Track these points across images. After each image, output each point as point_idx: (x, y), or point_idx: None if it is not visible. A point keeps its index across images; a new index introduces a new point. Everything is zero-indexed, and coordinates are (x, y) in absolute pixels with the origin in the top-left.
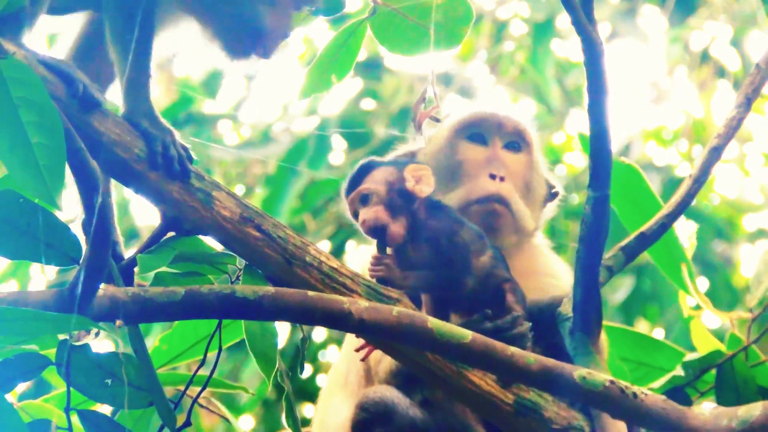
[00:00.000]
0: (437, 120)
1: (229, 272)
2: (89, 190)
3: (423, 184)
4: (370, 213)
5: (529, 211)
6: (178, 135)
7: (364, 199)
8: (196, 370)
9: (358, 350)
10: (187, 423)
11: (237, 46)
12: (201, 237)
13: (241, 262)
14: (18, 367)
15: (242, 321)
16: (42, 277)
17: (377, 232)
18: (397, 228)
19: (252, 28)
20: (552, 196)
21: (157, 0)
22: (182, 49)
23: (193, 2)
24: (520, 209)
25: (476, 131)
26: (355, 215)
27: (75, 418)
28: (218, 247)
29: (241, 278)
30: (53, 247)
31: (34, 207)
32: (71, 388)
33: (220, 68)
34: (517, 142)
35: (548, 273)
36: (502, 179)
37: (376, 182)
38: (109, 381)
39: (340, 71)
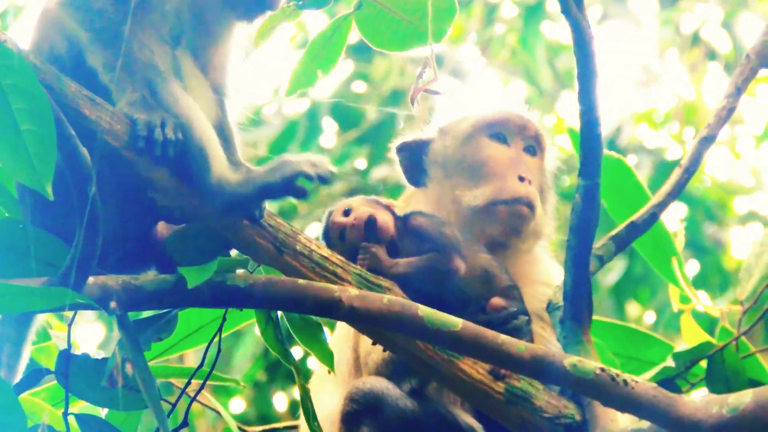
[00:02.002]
0: (436, 93)
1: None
2: (79, 178)
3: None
4: (357, 212)
5: (546, 217)
6: (182, 118)
7: (347, 212)
8: (197, 369)
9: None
10: (185, 423)
11: (249, 5)
12: None
13: (253, 265)
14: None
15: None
16: None
17: (367, 225)
18: (385, 217)
19: None
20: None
21: None
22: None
23: None
24: (541, 214)
25: (499, 131)
26: (341, 235)
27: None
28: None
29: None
30: (54, 266)
31: (35, 232)
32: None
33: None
34: (534, 146)
35: (544, 281)
36: (530, 182)
37: (352, 200)
38: (105, 384)
39: (326, 66)
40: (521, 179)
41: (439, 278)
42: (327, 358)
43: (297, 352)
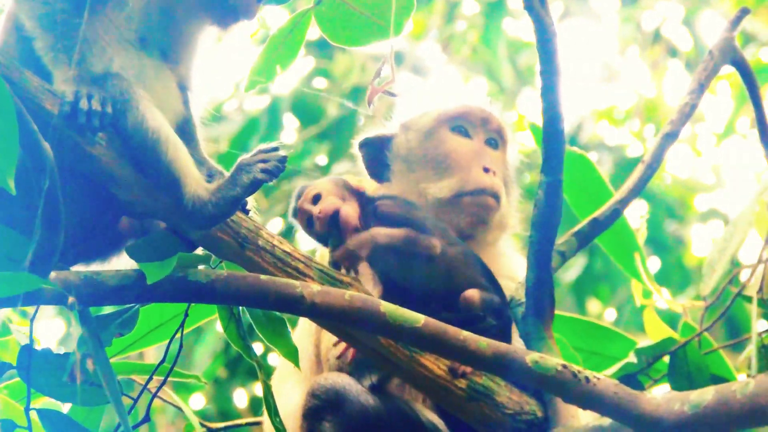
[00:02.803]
0: (393, 95)
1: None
2: (41, 172)
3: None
4: (324, 204)
5: (511, 208)
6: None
7: (316, 199)
8: (158, 366)
9: (339, 357)
10: (146, 419)
11: (225, 13)
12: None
13: (216, 261)
14: None
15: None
16: None
17: (332, 220)
18: (350, 210)
19: None
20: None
21: None
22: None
23: None
24: (506, 206)
25: (461, 124)
26: (309, 222)
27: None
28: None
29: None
30: (15, 261)
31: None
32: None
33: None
34: (496, 139)
35: (507, 275)
36: (495, 174)
37: (323, 185)
38: (67, 379)
39: (285, 61)
40: (486, 170)
41: (414, 255)
42: (291, 354)
43: (258, 348)
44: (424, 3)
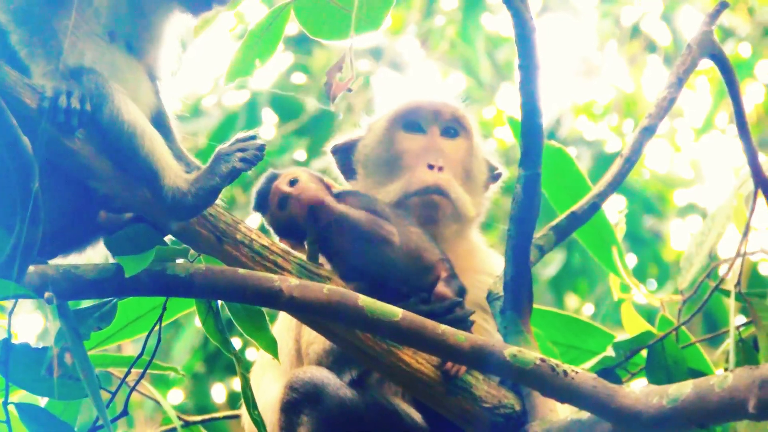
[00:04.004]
0: (349, 90)
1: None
2: (21, 167)
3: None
4: (304, 188)
5: (470, 197)
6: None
7: (293, 182)
8: (138, 358)
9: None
10: (124, 413)
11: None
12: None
13: (194, 254)
14: None
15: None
16: None
17: (312, 208)
18: (331, 202)
19: None
20: (495, 177)
21: None
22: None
23: None
24: (460, 197)
25: (412, 120)
26: (282, 202)
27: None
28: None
29: None
30: None
31: None
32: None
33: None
34: (454, 128)
35: (485, 271)
36: (440, 169)
37: (299, 172)
38: (45, 373)
39: (264, 55)
40: (430, 167)
41: (375, 241)
42: (270, 346)
43: (236, 342)
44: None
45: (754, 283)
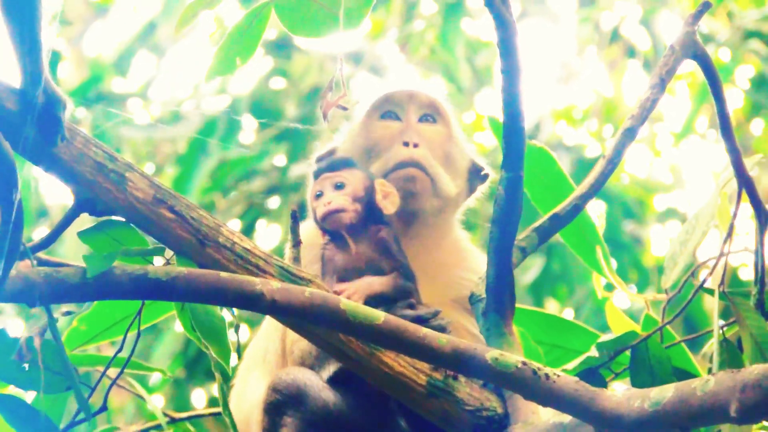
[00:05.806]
0: (344, 108)
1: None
2: (3, 173)
3: (389, 201)
4: (339, 198)
5: (449, 177)
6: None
7: (339, 186)
8: (116, 353)
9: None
10: (103, 408)
11: None
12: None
13: (169, 253)
14: None
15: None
16: None
17: (335, 214)
18: (351, 214)
19: None
20: (482, 178)
21: None
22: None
23: None
24: (438, 173)
25: (389, 109)
26: (316, 195)
27: None
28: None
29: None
30: None
31: None
32: None
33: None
34: (431, 114)
35: (469, 268)
36: (416, 146)
37: (356, 178)
38: (26, 366)
39: (245, 54)
40: (405, 144)
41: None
42: (223, 355)
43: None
44: (383, 2)
45: (734, 286)
